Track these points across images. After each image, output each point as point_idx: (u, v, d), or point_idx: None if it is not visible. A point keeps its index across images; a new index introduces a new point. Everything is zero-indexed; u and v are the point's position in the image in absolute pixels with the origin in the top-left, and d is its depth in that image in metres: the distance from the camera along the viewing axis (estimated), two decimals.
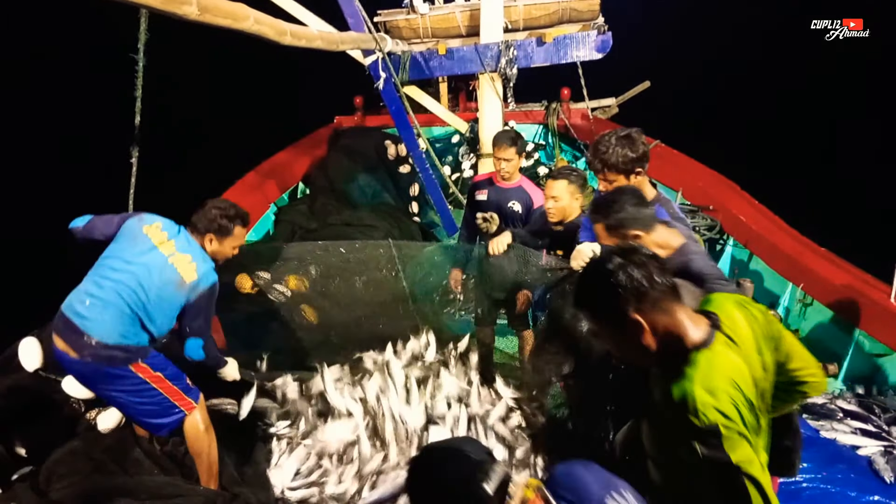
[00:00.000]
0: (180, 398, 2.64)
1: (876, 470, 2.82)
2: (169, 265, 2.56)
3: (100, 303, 2.48)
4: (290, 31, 2.67)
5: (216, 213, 2.72)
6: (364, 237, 5.42)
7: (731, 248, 5.19)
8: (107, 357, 2.45)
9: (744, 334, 1.54)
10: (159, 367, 2.58)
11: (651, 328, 1.47)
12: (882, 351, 3.72)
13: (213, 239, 2.73)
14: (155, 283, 2.53)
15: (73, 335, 2.45)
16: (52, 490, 2.56)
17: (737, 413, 1.39)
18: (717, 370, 1.43)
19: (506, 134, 3.65)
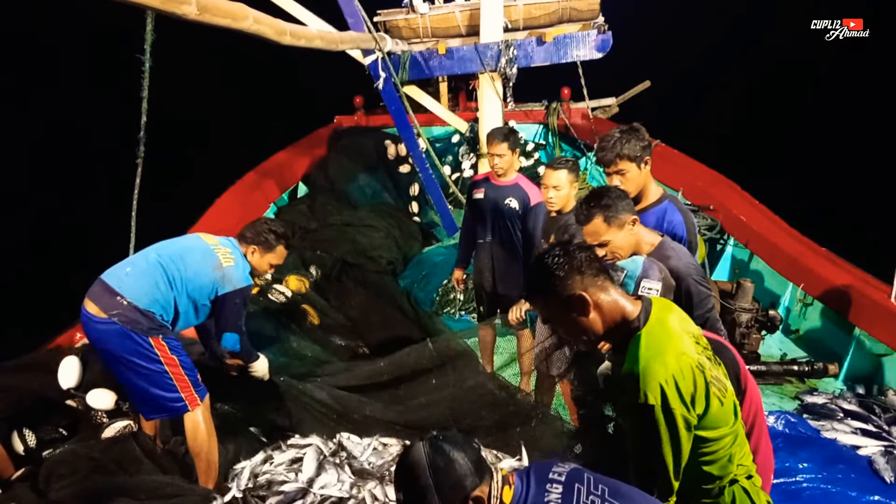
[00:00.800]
0: (187, 390, 2.66)
1: (876, 470, 2.82)
2: (211, 251, 2.74)
3: (140, 271, 2.61)
4: (289, 31, 2.67)
5: (265, 226, 2.90)
6: (364, 237, 5.43)
7: (732, 247, 5.19)
8: (133, 320, 2.51)
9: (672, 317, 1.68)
10: (176, 352, 2.63)
11: (594, 303, 1.62)
12: (882, 351, 3.72)
13: (256, 250, 2.87)
14: (196, 259, 2.68)
15: (106, 295, 2.54)
16: (52, 490, 2.56)
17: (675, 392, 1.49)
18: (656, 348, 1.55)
19: (498, 130, 3.64)
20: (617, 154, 2.53)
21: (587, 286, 1.62)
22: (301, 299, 4.33)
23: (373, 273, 5.02)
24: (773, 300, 4.60)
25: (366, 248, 5.26)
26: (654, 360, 1.52)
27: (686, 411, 1.50)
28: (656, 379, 1.49)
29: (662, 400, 1.48)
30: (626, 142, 2.52)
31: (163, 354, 2.59)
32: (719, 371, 1.65)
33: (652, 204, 2.63)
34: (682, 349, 1.56)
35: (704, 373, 1.56)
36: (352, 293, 4.80)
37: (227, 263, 2.73)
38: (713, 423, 1.57)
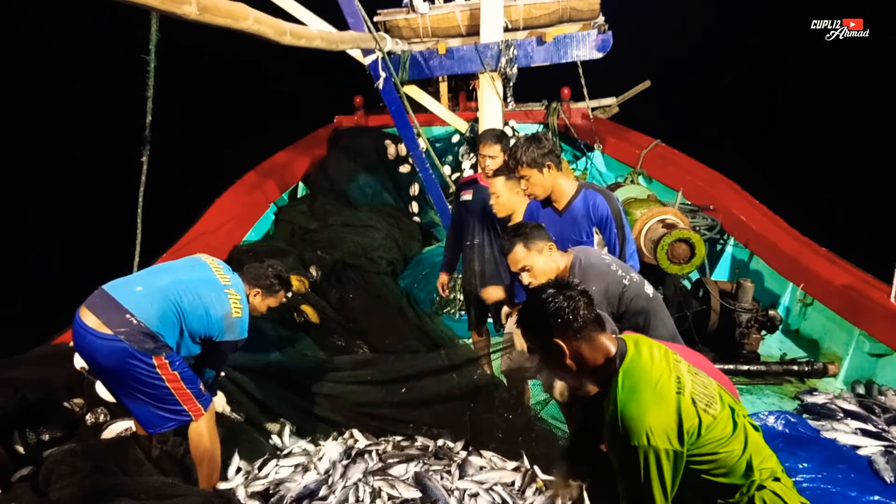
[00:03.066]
0: (190, 402, 2.64)
1: (876, 470, 2.82)
2: (225, 294, 2.69)
3: (154, 292, 2.56)
4: (289, 31, 2.67)
5: (270, 271, 2.89)
6: (364, 237, 5.43)
7: (732, 247, 5.20)
8: (139, 339, 2.47)
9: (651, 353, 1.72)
10: (178, 368, 2.60)
11: (571, 353, 1.69)
12: (882, 351, 3.72)
13: (259, 294, 2.87)
14: (208, 300, 2.64)
15: (112, 311, 2.48)
16: (52, 490, 2.55)
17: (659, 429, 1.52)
18: (632, 388, 1.59)
19: (491, 132, 3.66)
20: (517, 161, 2.81)
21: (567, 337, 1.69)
22: (301, 299, 4.33)
23: (373, 274, 5.02)
24: (773, 300, 4.60)
25: (366, 249, 5.25)
26: (632, 401, 1.56)
27: (671, 445, 1.52)
28: (636, 420, 1.53)
29: (647, 440, 1.51)
30: (526, 149, 2.78)
31: (165, 373, 2.55)
32: (699, 380, 1.66)
33: (572, 198, 2.90)
34: (659, 382, 1.59)
35: (684, 393, 1.57)
36: (352, 293, 4.80)
37: (236, 315, 2.70)
38: (713, 436, 1.57)
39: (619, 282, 2.49)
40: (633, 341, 1.74)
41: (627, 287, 2.49)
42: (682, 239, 3.82)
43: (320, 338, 4.09)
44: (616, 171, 6.91)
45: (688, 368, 1.69)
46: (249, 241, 5.40)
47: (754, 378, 3.91)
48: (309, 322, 4.18)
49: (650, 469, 1.52)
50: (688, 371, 1.67)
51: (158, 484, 2.58)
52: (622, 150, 6.79)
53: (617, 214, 2.84)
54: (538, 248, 2.55)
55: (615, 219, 2.83)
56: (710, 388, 1.66)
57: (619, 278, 2.51)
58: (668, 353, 1.72)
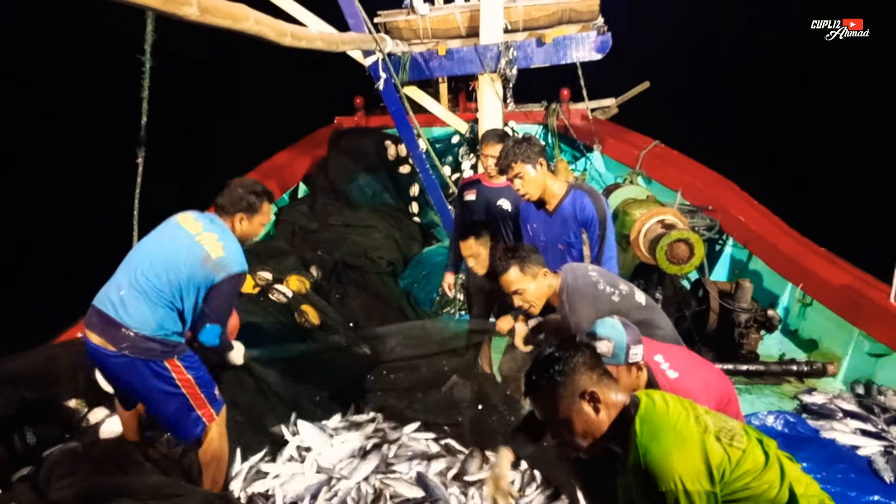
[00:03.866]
0: (204, 407, 2.59)
1: (876, 470, 2.83)
2: (196, 243, 2.53)
3: (134, 293, 2.45)
4: (290, 32, 2.67)
5: (242, 191, 2.67)
6: (364, 238, 5.43)
7: (731, 248, 5.20)
8: (145, 349, 2.41)
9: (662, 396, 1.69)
10: (192, 369, 2.54)
11: (603, 399, 1.62)
12: (881, 351, 3.72)
13: (244, 218, 2.67)
14: (184, 263, 2.49)
15: (110, 328, 2.42)
16: (52, 490, 2.56)
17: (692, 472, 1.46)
18: (655, 434, 1.54)
19: (493, 132, 3.69)
20: (511, 159, 2.85)
21: (595, 383, 1.63)
22: (301, 299, 4.33)
23: (373, 274, 5.03)
24: (772, 300, 4.60)
25: (366, 249, 5.26)
26: (654, 446, 1.51)
27: (702, 486, 1.46)
28: (662, 465, 1.47)
29: (676, 485, 1.45)
30: (517, 147, 2.84)
31: (179, 376, 2.50)
32: (720, 418, 1.62)
33: (562, 198, 2.94)
34: (678, 423, 1.54)
35: (708, 432, 1.52)
36: (352, 294, 4.80)
37: (216, 254, 2.53)
38: (745, 469, 1.51)
39: (608, 301, 2.49)
40: (645, 393, 1.69)
41: (617, 304, 2.49)
42: (681, 239, 3.82)
43: (321, 338, 4.09)
44: (615, 171, 6.91)
45: (705, 410, 1.64)
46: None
47: (753, 378, 3.91)
48: (309, 322, 4.18)
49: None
50: (706, 412, 1.62)
51: (158, 483, 2.59)
52: (621, 151, 6.80)
53: (602, 217, 2.86)
54: (532, 272, 2.56)
55: (599, 221, 2.87)
56: (731, 423, 1.61)
57: (608, 297, 2.50)
58: (682, 399, 1.67)
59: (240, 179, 2.77)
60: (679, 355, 2.27)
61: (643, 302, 2.59)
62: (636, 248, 4.11)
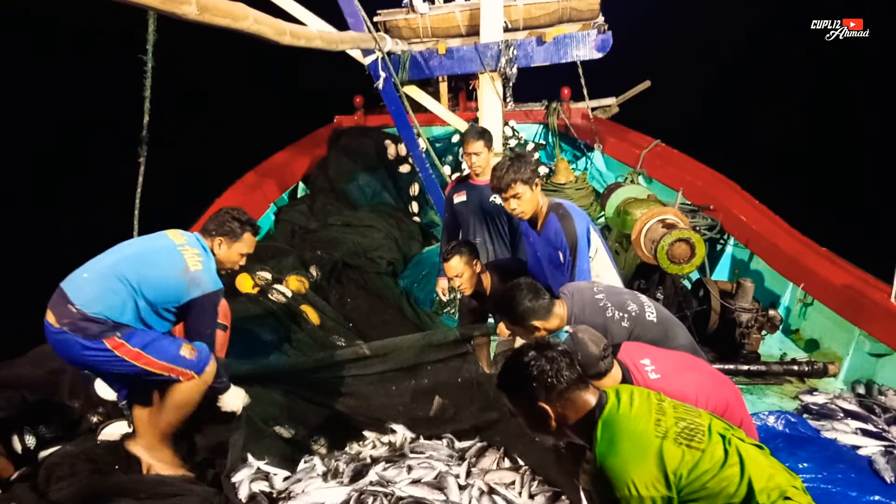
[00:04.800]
0: (174, 371, 2.51)
1: (876, 470, 2.82)
2: (177, 251, 2.54)
3: (96, 275, 2.46)
4: (289, 31, 2.67)
5: (228, 216, 2.72)
6: (364, 237, 5.42)
7: (732, 247, 5.19)
8: (81, 327, 2.36)
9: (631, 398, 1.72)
10: (138, 343, 2.44)
11: (556, 415, 1.70)
12: (882, 351, 3.71)
13: (223, 242, 2.70)
14: (160, 263, 2.50)
15: (60, 303, 2.40)
16: (52, 490, 2.55)
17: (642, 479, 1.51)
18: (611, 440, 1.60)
19: (472, 129, 3.68)
20: (512, 179, 2.83)
21: (552, 400, 1.70)
22: (301, 299, 4.33)
23: (373, 274, 5.02)
24: (773, 300, 4.60)
25: (366, 249, 5.25)
26: (611, 453, 1.57)
27: (657, 492, 1.51)
28: (617, 473, 1.54)
29: (629, 491, 1.52)
30: (518, 168, 2.82)
31: (125, 352, 2.42)
32: (684, 417, 1.65)
33: (543, 221, 2.96)
34: (637, 430, 1.59)
35: (667, 437, 1.57)
36: (352, 294, 4.80)
37: (194, 267, 2.53)
38: (702, 469, 1.54)
39: (619, 328, 2.46)
40: (615, 390, 1.75)
41: (628, 328, 2.46)
42: (682, 239, 3.82)
43: (321, 338, 4.08)
44: (616, 171, 6.91)
45: (673, 406, 1.68)
46: None
47: (754, 378, 3.90)
48: (309, 322, 4.18)
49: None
50: (673, 409, 1.66)
51: (157, 483, 2.59)
52: (622, 150, 6.79)
53: (572, 244, 2.85)
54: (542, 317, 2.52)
55: (570, 247, 2.86)
56: (696, 419, 1.64)
57: (618, 324, 2.47)
58: (651, 396, 1.72)
59: (228, 207, 2.82)
60: (669, 359, 2.25)
61: (654, 318, 2.53)
62: (637, 247, 4.10)
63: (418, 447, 2.97)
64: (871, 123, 9.20)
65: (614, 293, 2.61)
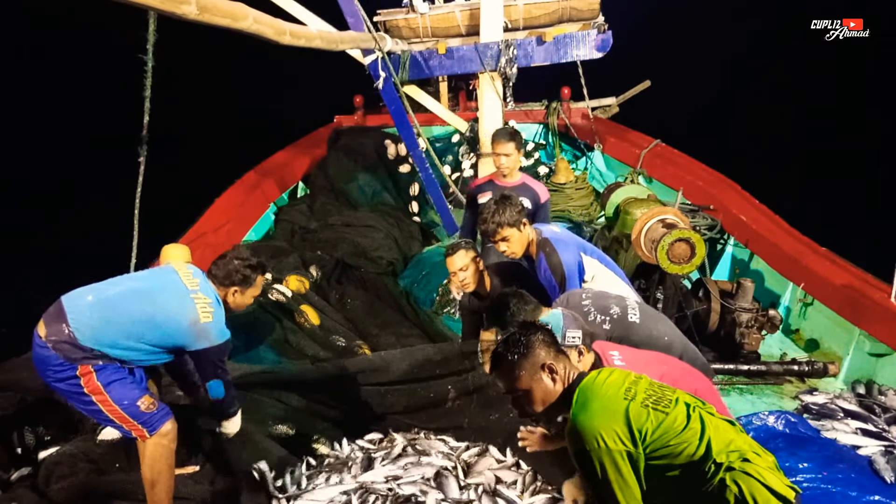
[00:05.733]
0: (127, 422, 2.40)
1: (876, 470, 2.82)
2: (190, 298, 2.44)
3: (98, 302, 2.38)
4: (289, 31, 2.67)
5: (238, 263, 2.61)
6: (364, 237, 5.42)
7: (732, 247, 5.19)
8: (66, 349, 2.30)
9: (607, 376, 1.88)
10: (104, 380, 2.34)
11: (558, 371, 1.87)
12: (882, 351, 3.71)
13: (238, 291, 2.62)
14: (169, 308, 2.42)
15: (56, 320, 2.34)
16: (52, 490, 2.56)
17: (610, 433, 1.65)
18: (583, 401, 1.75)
19: (504, 130, 3.66)
20: (497, 224, 2.85)
21: (551, 357, 1.88)
22: (301, 299, 4.33)
23: (373, 274, 5.02)
24: (773, 300, 4.60)
25: (366, 249, 5.25)
26: (582, 412, 1.72)
27: (623, 446, 1.64)
28: (586, 427, 1.68)
29: (597, 444, 1.65)
30: (503, 211, 2.84)
31: (86, 381, 2.32)
32: (655, 387, 1.80)
33: (536, 259, 2.97)
34: (608, 393, 1.74)
35: (635, 399, 1.71)
36: (352, 294, 4.79)
37: (205, 319, 2.43)
38: (665, 429, 1.67)
39: (600, 329, 2.54)
40: (601, 370, 1.90)
41: (610, 330, 2.55)
42: (682, 239, 3.82)
43: (320, 338, 4.08)
44: (616, 170, 6.91)
45: (648, 382, 1.82)
46: (249, 241, 5.39)
47: (754, 378, 3.90)
48: (309, 322, 4.18)
49: (607, 471, 1.64)
50: (648, 384, 1.80)
51: None
52: (622, 150, 6.79)
53: (560, 281, 2.90)
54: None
55: (559, 285, 2.91)
56: (665, 391, 1.78)
57: (600, 326, 2.55)
58: (630, 374, 1.86)
59: (235, 251, 2.73)
60: (639, 354, 2.33)
61: (637, 319, 2.60)
62: (637, 247, 4.10)
63: (418, 444, 2.97)
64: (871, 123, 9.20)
65: (601, 297, 2.70)
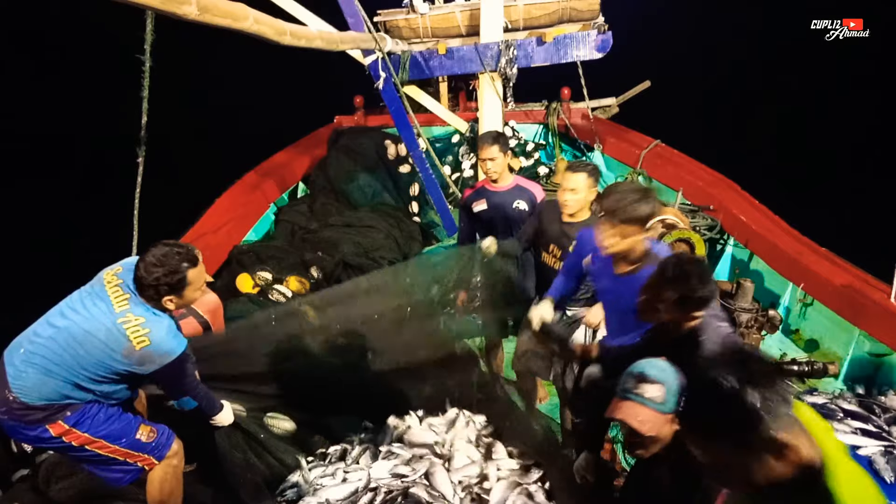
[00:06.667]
0: (132, 456, 2.32)
1: (876, 470, 2.82)
2: (117, 326, 2.16)
3: (30, 357, 2.17)
4: (289, 31, 2.67)
5: (158, 273, 2.20)
6: (364, 238, 5.42)
7: (732, 247, 5.19)
8: (21, 415, 2.14)
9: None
10: (89, 427, 2.21)
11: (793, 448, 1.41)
12: (882, 351, 3.71)
13: (172, 299, 2.26)
14: (97, 346, 2.15)
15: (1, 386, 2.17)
16: (52, 490, 2.56)
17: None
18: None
19: (486, 134, 3.53)
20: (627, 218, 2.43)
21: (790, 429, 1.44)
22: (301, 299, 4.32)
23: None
24: (773, 300, 4.60)
25: (367, 249, 5.24)
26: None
27: None
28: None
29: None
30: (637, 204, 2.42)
31: (73, 438, 2.19)
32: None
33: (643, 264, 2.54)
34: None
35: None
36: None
37: (140, 344, 2.16)
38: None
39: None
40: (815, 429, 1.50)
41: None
42: (682, 239, 3.81)
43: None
44: (616, 171, 6.91)
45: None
46: (249, 241, 5.40)
47: None
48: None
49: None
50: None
51: None
52: (622, 151, 6.79)
53: None
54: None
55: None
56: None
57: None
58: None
59: (146, 257, 2.24)
60: None
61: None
62: None
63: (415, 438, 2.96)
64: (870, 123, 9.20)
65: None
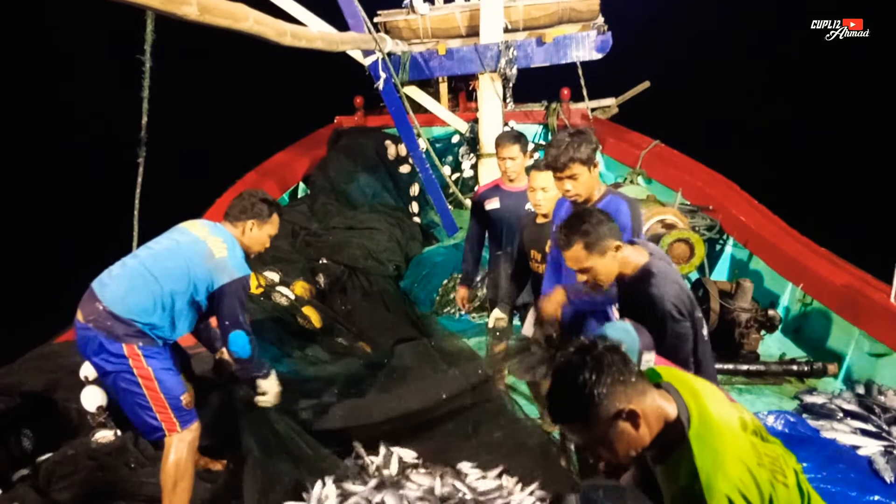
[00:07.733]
0: (164, 412, 2.41)
1: (876, 470, 2.82)
2: (201, 241, 2.53)
3: (122, 273, 2.45)
4: (290, 32, 2.67)
5: (254, 198, 2.68)
6: (369, 240, 5.41)
7: (731, 247, 5.20)
8: (106, 326, 2.34)
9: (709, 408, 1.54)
10: (153, 363, 2.38)
11: (643, 415, 1.46)
12: (882, 351, 3.72)
13: (254, 225, 2.66)
14: (183, 255, 2.47)
15: (88, 301, 2.40)
16: (53, 490, 2.56)
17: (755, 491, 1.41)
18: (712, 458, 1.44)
19: (508, 133, 3.53)
20: (570, 158, 2.51)
21: (632, 398, 1.45)
22: (304, 301, 4.33)
23: (379, 276, 5.00)
24: (772, 300, 4.60)
25: (372, 252, 5.23)
26: (716, 474, 1.41)
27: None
28: (722, 495, 1.39)
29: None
30: (578, 146, 2.50)
31: (135, 364, 2.36)
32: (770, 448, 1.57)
33: (597, 201, 2.62)
34: (738, 450, 1.46)
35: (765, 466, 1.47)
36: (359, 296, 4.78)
37: (219, 254, 2.51)
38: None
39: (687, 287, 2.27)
40: (690, 390, 1.54)
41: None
42: (682, 239, 3.83)
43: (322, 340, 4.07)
44: (615, 171, 6.91)
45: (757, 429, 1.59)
46: None
47: (754, 378, 3.90)
48: (311, 325, 4.17)
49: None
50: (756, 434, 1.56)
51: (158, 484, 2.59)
52: (622, 151, 6.80)
53: (637, 226, 2.61)
54: (601, 249, 2.17)
55: (634, 230, 2.58)
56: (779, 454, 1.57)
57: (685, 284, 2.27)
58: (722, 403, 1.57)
59: (248, 189, 2.78)
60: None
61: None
62: None
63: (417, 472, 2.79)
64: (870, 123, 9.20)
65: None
